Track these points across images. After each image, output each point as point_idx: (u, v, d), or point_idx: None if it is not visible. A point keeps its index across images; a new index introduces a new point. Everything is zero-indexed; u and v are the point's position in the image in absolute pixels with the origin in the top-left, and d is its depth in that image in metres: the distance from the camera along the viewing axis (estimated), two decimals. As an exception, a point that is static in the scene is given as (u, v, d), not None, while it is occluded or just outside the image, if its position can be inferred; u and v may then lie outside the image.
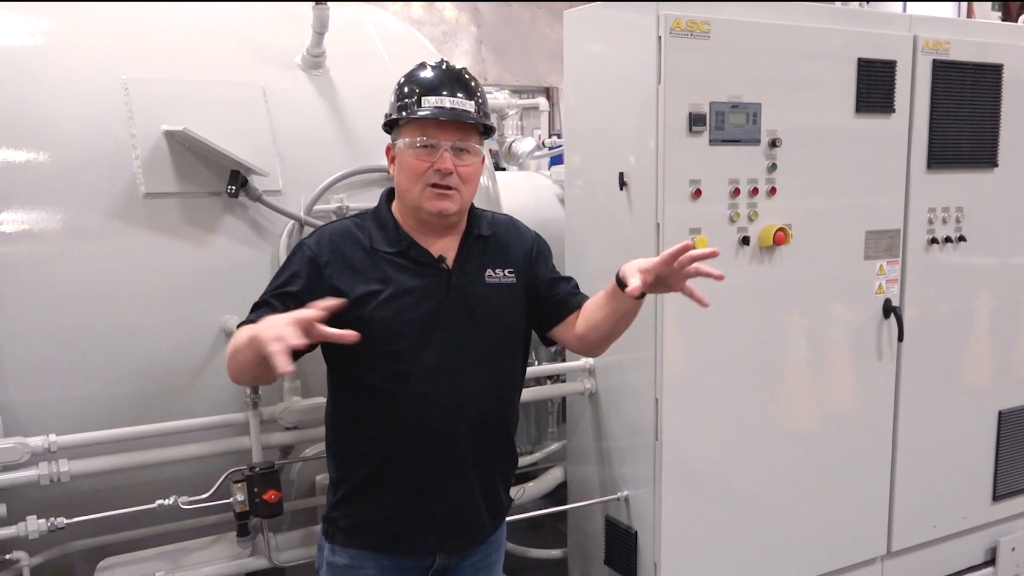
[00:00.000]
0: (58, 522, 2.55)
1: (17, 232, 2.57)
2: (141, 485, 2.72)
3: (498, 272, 2.31)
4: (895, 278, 3.50)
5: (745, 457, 3.26)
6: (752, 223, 3.11)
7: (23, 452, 2.47)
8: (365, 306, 2.16)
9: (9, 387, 2.54)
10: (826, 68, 3.20)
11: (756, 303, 3.19)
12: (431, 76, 2.23)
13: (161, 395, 2.75)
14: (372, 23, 3.41)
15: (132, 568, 2.72)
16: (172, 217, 2.74)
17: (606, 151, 3.17)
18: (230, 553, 2.85)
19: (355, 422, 2.28)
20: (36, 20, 2.80)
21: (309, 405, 2.83)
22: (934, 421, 3.70)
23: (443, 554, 2.32)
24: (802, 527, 3.43)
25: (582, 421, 3.48)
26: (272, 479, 2.71)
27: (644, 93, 2.94)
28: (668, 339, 3.03)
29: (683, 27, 2.88)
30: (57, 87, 2.69)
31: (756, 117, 3.06)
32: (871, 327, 3.47)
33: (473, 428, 2.25)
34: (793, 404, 3.36)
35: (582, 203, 3.35)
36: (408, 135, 2.19)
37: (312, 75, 3.08)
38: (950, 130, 3.51)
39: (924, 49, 3.40)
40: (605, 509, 3.38)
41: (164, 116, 2.74)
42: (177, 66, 2.89)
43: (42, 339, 2.57)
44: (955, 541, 3.90)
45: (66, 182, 2.63)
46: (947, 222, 3.59)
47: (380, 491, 2.25)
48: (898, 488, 3.65)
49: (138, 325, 2.69)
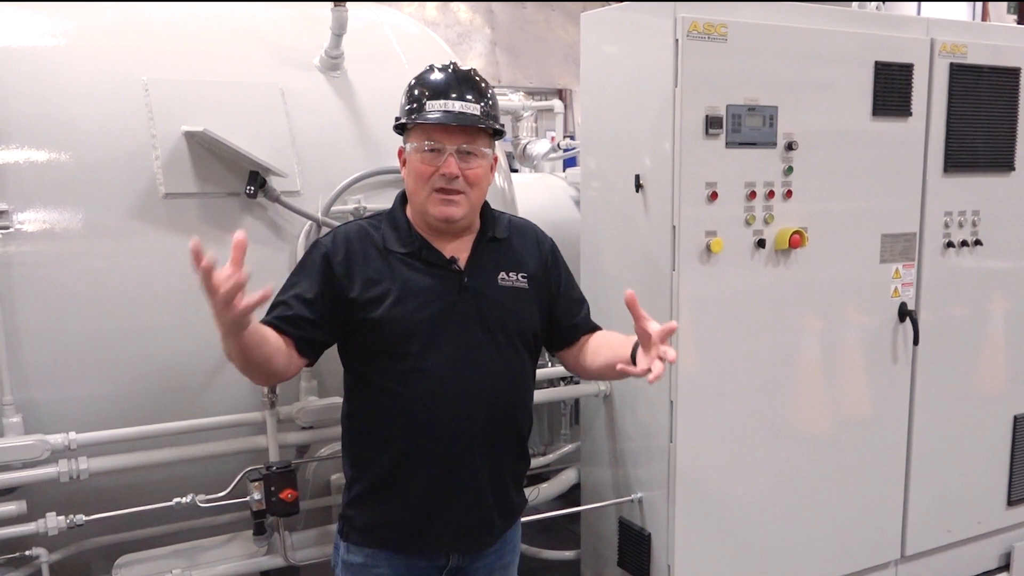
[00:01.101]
0: (77, 519, 2.57)
1: (38, 231, 2.59)
2: (157, 483, 2.74)
3: (511, 275, 2.32)
4: (911, 281, 3.49)
5: (759, 460, 3.26)
6: (768, 226, 3.11)
7: (43, 449, 2.49)
8: (377, 306, 2.18)
9: (30, 385, 2.56)
10: (843, 71, 3.20)
11: (771, 306, 3.19)
12: (439, 79, 2.24)
13: (179, 394, 2.77)
14: (389, 25, 3.43)
15: (149, 565, 2.74)
16: (191, 217, 2.76)
17: (622, 153, 3.18)
18: (246, 551, 2.87)
19: (369, 422, 2.29)
20: (58, 21, 2.82)
21: (325, 405, 2.85)
22: (949, 425, 3.69)
23: (456, 554, 2.33)
24: (816, 530, 3.42)
25: (596, 423, 3.49)
26: (289, 478, 2.72)
27: (661, 95, 2.95)
28: (683, 342, 3.03)
29: (700, 29, 2.89)
30: (78, 88, 2.72)
31: (773, 120, 3.06)
32: (886, 331, 3.47)
33: (484, 429, 2.26)
34: (808, 407, 3.36)
35: (598, 205, 3.35)
36: (415, 139, 2.21)
37: (330, 76, 3.09)
38: (967, 133, 3.51)
39: (941, 52, 3.40)
40: (618, 511, 3.38)
41: (184, 117, 2.76)
42: (197, 67, 2.92)
43: (62, 337, 2.59)
44: (969, 546, 3.89)
45: (87, 182, 2.65)
46: (963, 226, 3.59)
47: (393, 491, 2.26)
48: (912, 492, 3.64)
49: (157, 324, 2.71)
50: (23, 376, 2.54)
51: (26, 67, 2.69)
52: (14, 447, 2.46)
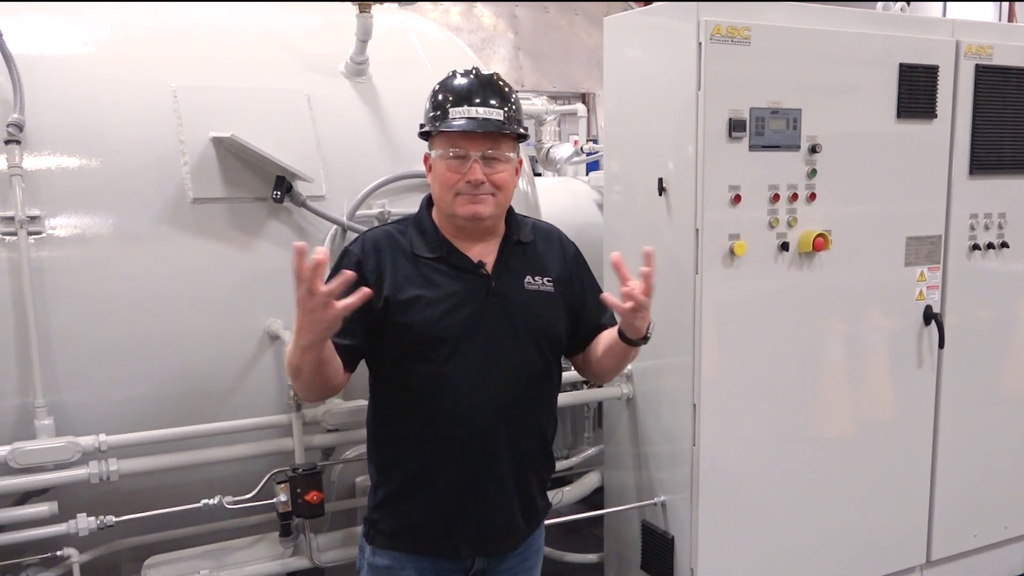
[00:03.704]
0: (107, 520, 2.60)
1: (70, 236, 2.63)
2: (184, 485, 2.77)
3: (537, 279, 2.32)
4: (936, 284, 3.47)
5: (783, 463, 3.25)
6: (791, 229, 3.10)
7: (74, 451, 2.53)
8: (407, 311, 2.19)
9: (61, 388, 2.60)
10: (867, 73, 3.19)
11: (795, 309, 3.18)
12: (462, 84, 2.25)
13: (206, 397, 2.80)
14: (414, 31, 3.45)
15: (177, 566, 2.77)
16: (219, 222, 2.80)
17: (645, 157, 3.18)
18: (272, 553, 2.89)
19: (394, 425, 2.30)
20: (88, 30, 2.87)
21: (350, 407, 2.86)
22: (975, 429, 3.67)
23: (481, 557, 2.34)
24: (840, 535, 3.41)
25: (619, 426, 3.49)
26: (314, 480, 2.74)
27: (684, 99, 2.95)
28: (706, 345, 3.03)
29: (723, 33, 2.89)
30: (109, 95, 2.76)
31: (796, 123, 3.06)
32: (911, 334, 3.45)
33: (510, 432, 2.27)
34: (832, 411, 3.34)
35: (621, 209, 3.36)
36: (439, 146, 2.22)
37: (355, 82, 3.12)
38: (993, 135, 3.48)
39: (967, 54, 3.38)
40: (642, 514, 3.38)
41: (212, 123, 2.79)
42: (225, 74, 2.95)
43: (93, 341, 2.64)
44: (996, 551, 3.86)
45: (117, 187, 2.69)
46: (989, 228, 3.56)
47: (418, 494, 2.27)
48: (938, 496, 3.62)
49: (185, 328, 2.74)
50: (54, 379, 2.58)
51: (57, 75, 2.74)
52: (46, 449, 2.50)
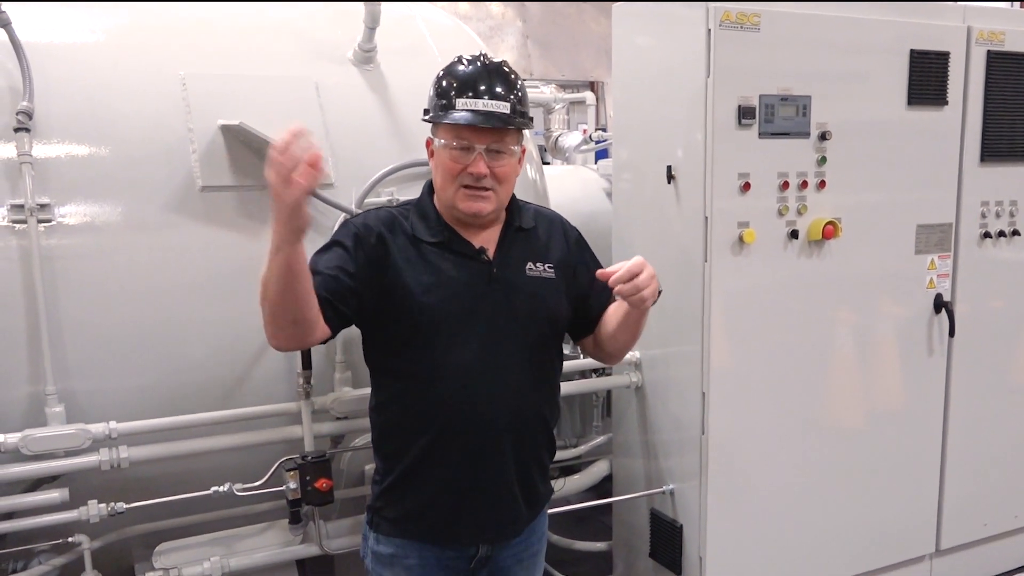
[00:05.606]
0: (117, 507, 2.62)
1: (79, 224, 2.64)
2: (194, 472, 2.78)
3: (539, 265, 2.32)
4: (947, 273, 3.46)
5: (792, 452, 3.25)
6: (801, 216, 3.09)
7: (85, 438, 2.54)
8: (407, 295, 2.18)
9: (71, 375, 2.61)
10: (877, 60, 3.17)
11: (805, 297, 3.17)
12: (468, 72, 2.22)
13: (216, 384, 2.81)
14: (422, 18, 3.44)
15: (188, 553, 2.79)
16: (228, 210, 2.80)
17: (654, 144, 3.17)
18: (282, 540, 2.90)
19: (395, 413, 2.29)
20: (98, 18, 2.87)
21: (359, 395, 2.87)
22: (985, 418, 3.66)
23: (484, 544, 2.34)
24: (850, 523, 3.41)
25: (628, 415, 3.49)
26: (324, 467, 2.76)
27: (693, 86, 2.94)
28: (715, 333, 3.03)
29: (733, 19, 2.88)
30: (118, 83, 2.76)
31: (806, 110, 3.04)
32: (921, 322, 3.44)
33: (511, 419, 2.26)
34: (841, 399, 3.34)
35: (630, 197, 3.35)
36: (443, 136, 2.20)
37: (364, 70, 3.12)
38: (1004, 122, 3.46)
39: (978, 40, 3.36)
40: (650, 502, 3.39)
41: (220, 111, 2.79)
42: (233, 62, 2.95)
43: (103, 329, 2.64)
44: (1006, 540, 3.86)
45: (126, 175, 2.70)
46: (1000, 216, 3.55)
47: (420, 481, 2.27)
48: (948, 485, 3.61)
49: (195, 315, 2.75)
50: (65, 367, 2.59)
51: (67, 63, 2.74)
52: (57, 436, 2.52)
